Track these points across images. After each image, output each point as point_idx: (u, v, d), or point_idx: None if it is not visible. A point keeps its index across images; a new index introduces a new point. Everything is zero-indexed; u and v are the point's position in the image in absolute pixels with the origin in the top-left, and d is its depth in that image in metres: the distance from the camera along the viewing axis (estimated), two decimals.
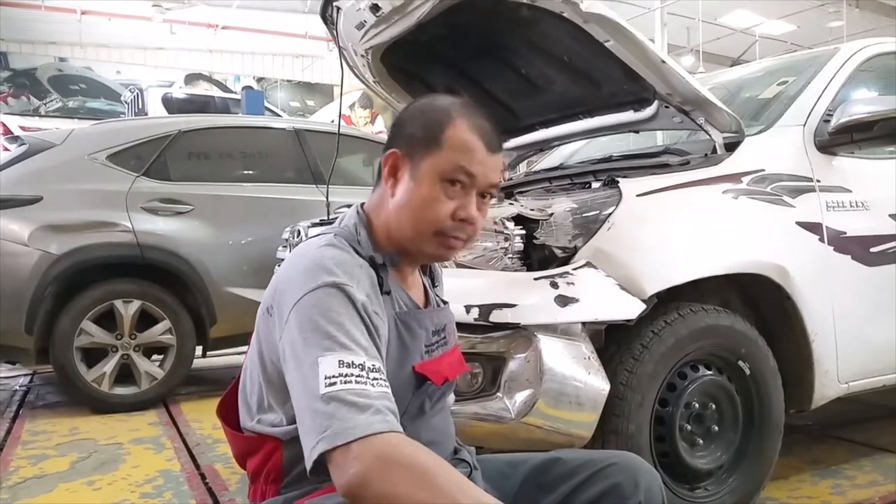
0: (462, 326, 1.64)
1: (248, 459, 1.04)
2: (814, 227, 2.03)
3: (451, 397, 1.20)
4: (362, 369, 0.85)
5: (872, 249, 2.13)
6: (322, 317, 0.88)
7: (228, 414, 1.10)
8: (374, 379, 0.86)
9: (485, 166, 1.01)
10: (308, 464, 0.82)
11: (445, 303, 1.19)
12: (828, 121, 2.15)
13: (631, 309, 1.69)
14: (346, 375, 0.84)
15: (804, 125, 2.16)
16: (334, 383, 0.83)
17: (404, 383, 1.00)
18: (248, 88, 14.04)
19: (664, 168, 2.03)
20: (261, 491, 1.03)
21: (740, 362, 1.89)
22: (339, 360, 0.85)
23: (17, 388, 4.10)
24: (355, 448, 0.79)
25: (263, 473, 1.02)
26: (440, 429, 1.10)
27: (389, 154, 1.04)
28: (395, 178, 1.04)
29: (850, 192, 2.14)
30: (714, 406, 1.88)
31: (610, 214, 1.77)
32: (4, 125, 10.22)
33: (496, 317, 1.64)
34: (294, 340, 0.89)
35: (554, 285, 1.66)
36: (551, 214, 1.80)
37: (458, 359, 1.15)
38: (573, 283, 1.67)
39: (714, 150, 2.07)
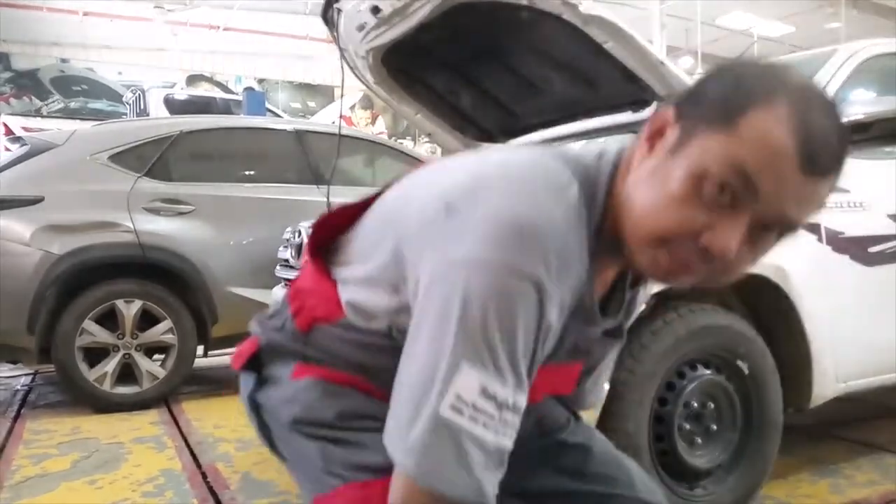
0: None
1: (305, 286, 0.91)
2: (812, 227, 2.03)
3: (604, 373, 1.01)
4: (499, 408, 0.68)
5: (870, 249, 2.14)
6: (498, 319, 0.67)
7: (320, 235, 0.94)
8: (505, 423, 0.69)
9: (784, 186, 0.68)
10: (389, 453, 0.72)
11: (622, 324, 0.92)
12: None
13: None
14: (478, 410, 0.67)
15: None
16: (460, 411, 0.67)
17: None
18: (249, 89, 14.08)
19: None
20: (308, 311, 0.87)
21: (739, 361, 1.90)
22: (483, 387, 0.67)
23: (19, 387, 4.10)
24: (426, 499, 0.68)
25: (313, 305, 0.87)
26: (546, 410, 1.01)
27: (660, 112, 0.75)
28: (652, 144, 0.74)
29: (849, 192, 2.15)
30: (713, 405, 1.89)
31: None
32: (6, 126, 10.22)
33: None
34: (444, 318, 0.68)
35: None
36: None
37: (572, 378, 0.93)
38: None
39: None
